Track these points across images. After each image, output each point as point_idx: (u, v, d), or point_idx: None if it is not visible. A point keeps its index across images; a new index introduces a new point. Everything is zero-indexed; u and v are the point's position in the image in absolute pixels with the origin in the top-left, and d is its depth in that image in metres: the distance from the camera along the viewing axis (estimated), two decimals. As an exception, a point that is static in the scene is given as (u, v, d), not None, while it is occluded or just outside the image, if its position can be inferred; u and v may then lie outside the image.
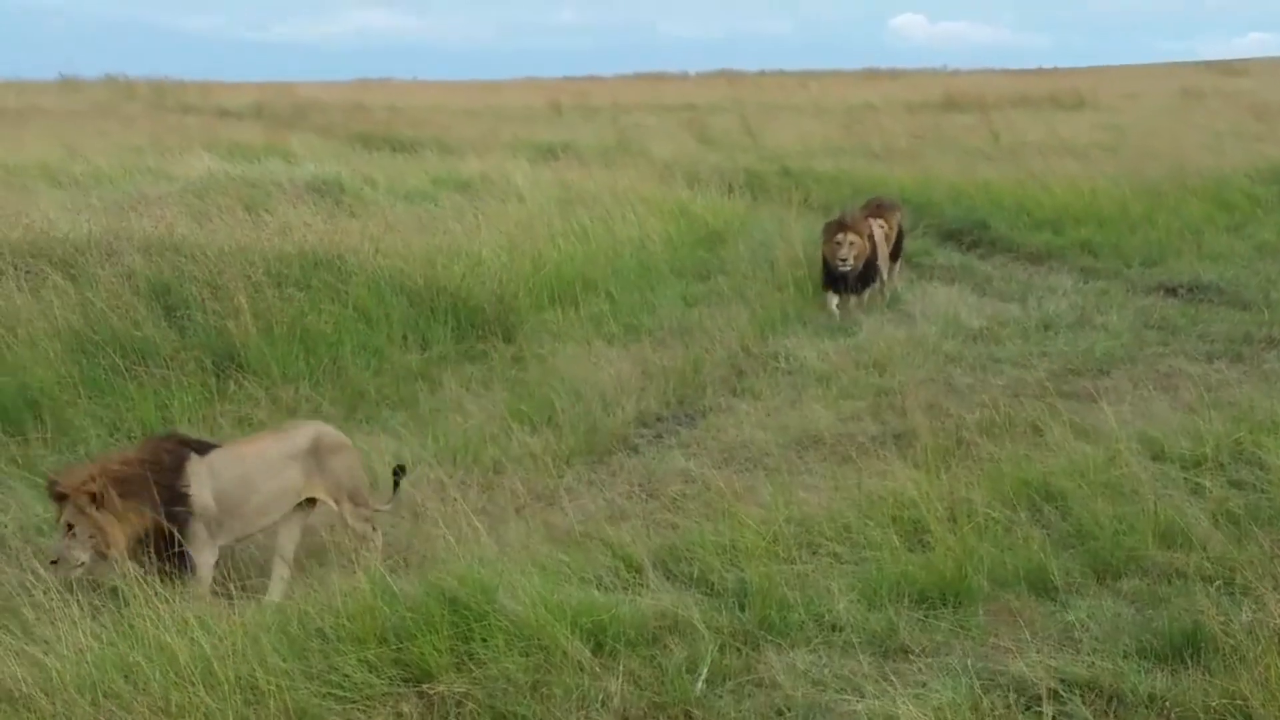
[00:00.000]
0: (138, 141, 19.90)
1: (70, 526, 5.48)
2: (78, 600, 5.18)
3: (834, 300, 11.54)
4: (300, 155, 19.02)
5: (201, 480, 5.80)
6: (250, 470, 6.04)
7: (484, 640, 4.83)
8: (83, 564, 5.50)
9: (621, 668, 4.76)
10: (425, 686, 4.62)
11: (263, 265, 10.26)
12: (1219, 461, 6.77)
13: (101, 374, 8.77)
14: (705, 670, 4.79)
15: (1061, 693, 4.51)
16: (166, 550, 5.62)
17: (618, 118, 27.67)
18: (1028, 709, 4.42)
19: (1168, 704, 4.45)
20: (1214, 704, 4.37)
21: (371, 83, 50.56)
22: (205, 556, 5.80)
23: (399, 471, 6.68)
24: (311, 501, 6.32)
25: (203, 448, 6.02)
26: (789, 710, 4.57)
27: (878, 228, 12.02)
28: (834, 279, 11.50)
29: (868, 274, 11.66)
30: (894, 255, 12.68)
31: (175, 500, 5.68)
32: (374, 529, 6.43)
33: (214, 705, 4.34)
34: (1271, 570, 5.34)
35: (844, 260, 11.28)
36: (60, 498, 5.52)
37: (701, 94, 38.49)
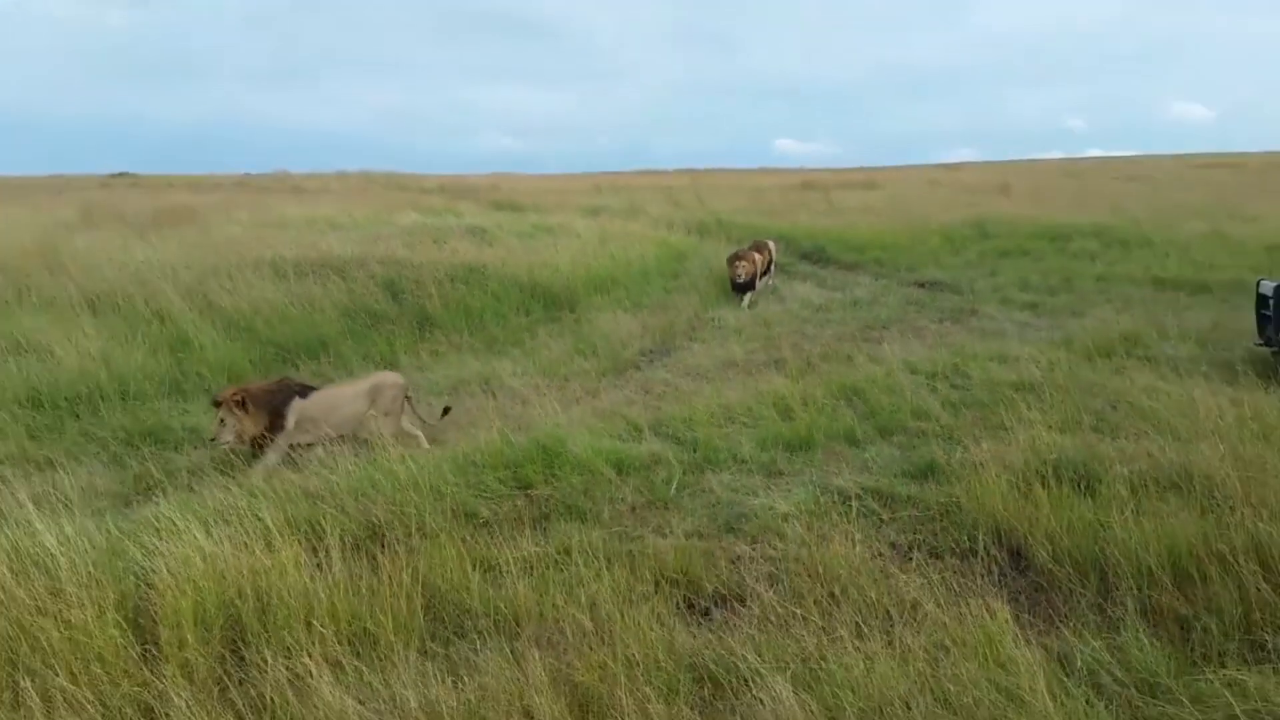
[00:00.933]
0: (377, 205, 19.71)
1: (223, 421, 5.28)
2: (352, 450, 5.20)
3: (739, 299, 11.05)
4: (463, 213, 18.87)
5: (294, 412, 5.47)
6: (336, 401, 5.68)
7: (559, 467, 4.83)
8: (228, 443, 5.30)
9: (631, 482, 4.77)
10: (529, 491, 4.63)
11: (443, 271, 10.21)
12: (945, 374, 6.74)
13: (358, 329, 8.74)
14: (675, 483, 4.79)
15: (862, 494, 4.51)
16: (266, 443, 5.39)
17: (630, 194, 27.31)
18: (844, 503, 4.42)
19: (918, 501, 4.46)
20: (941, 500, 4.38)
21: (501, 174, 49.88)
22: (274, 454, 5.38)
23: (446, 410, 6.18)
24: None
25: (305, 391, 5.64)
26: (719, 504, 4.57)
27: (759, 257, 11.61)
28: (734, 288, 11.15)
29: (751, 285, 11.23)
30: (764, 273, 12.02)
31: (279, 419, 5.42)
32: (418, 433, 5.88)
33: (418, 500, 4.34)
34: (973, 432, 5.34)
35: (739, 277, 11.02)
36: (217, 404, 5.32)
37: (674, 181, 37.89)
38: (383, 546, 3.90)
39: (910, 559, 3.87)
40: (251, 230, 13.57)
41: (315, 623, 3.28)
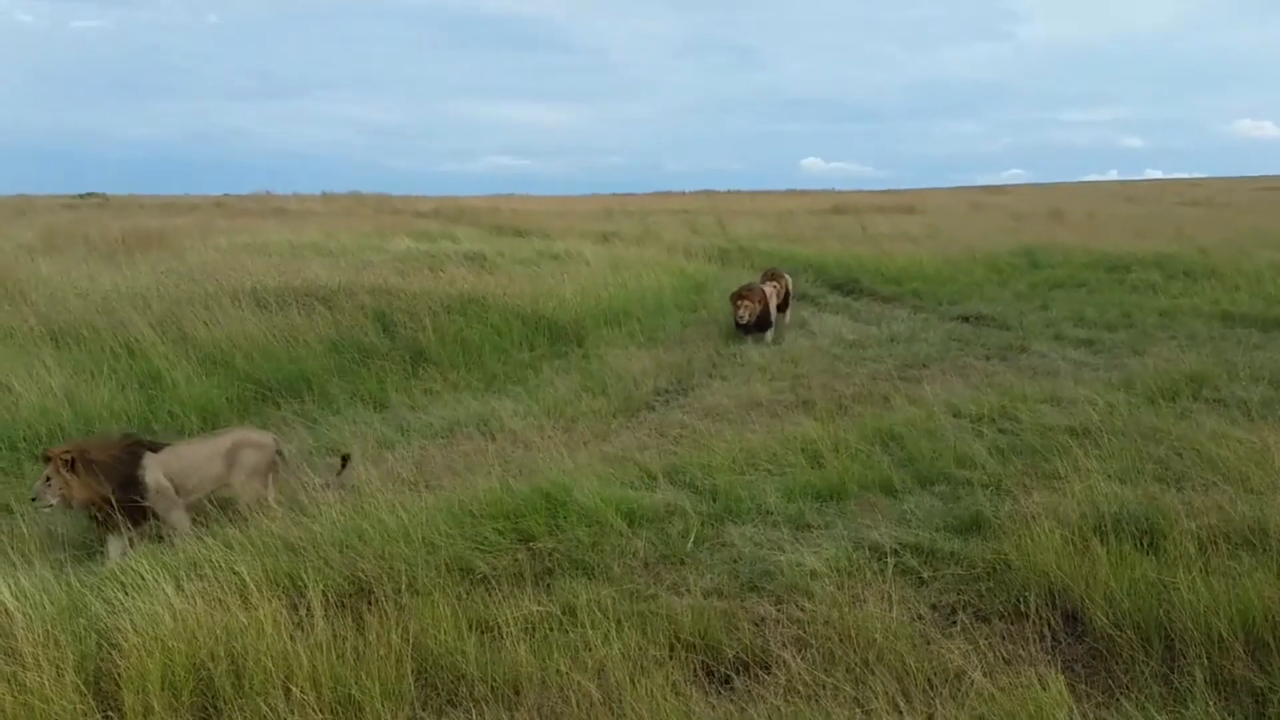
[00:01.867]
0: (367, 230, 20.00)
1: (48, 480, 4.90)
2: (338, 495, 5.22)
3: (745, 338, 10.86)
4: (461, 238, 19.11)
5: (153, 469, 5.12)
6: (191, 462, 5.33)
7: (564, 518, 4.85)
8: (51, 506, 4.88)
9: (644, 534, 4.78)
10: (531, 544, 4.64)
11: (439, 301, 10.31)
12: (991, 418, 6.74)
13: (346, 364, 8.82)
14: (693, 536, 4.80)
15: (899, 550, 4.51)
16: (135, 509, 5.00)
17: (644, 217, 27.55)
18: (879, 560, 4.42)
19: (961, 558, 4.45)
20: (988, 558, 4.37)
21: (501, 196, 50.51)
22: (175, 515, 5.16)
23: (345, 459, 5.85)
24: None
25: (157, 447, 5.31)
26: (741, 560, 4.57)
27: (771, 290, 11.37)
28: (738, 327, 10.91)
29: (763, 323, 10.99)
30: (783, 308, 11.85)
31: (133, 482, 5.05)
32: (274, 500, 5.41)
33: (409, 553, 4.37)
34: (1022, 481, 5.34)
35: (741, 318, 10.79)
36: (46, 460, 4.96)
37: (692, 204, 38.39)
38: (370, 604, 3.93)
39: (953, 623, 3.86)
40: (230, 256, 13.79)
41: (295, 688, 3.30)
